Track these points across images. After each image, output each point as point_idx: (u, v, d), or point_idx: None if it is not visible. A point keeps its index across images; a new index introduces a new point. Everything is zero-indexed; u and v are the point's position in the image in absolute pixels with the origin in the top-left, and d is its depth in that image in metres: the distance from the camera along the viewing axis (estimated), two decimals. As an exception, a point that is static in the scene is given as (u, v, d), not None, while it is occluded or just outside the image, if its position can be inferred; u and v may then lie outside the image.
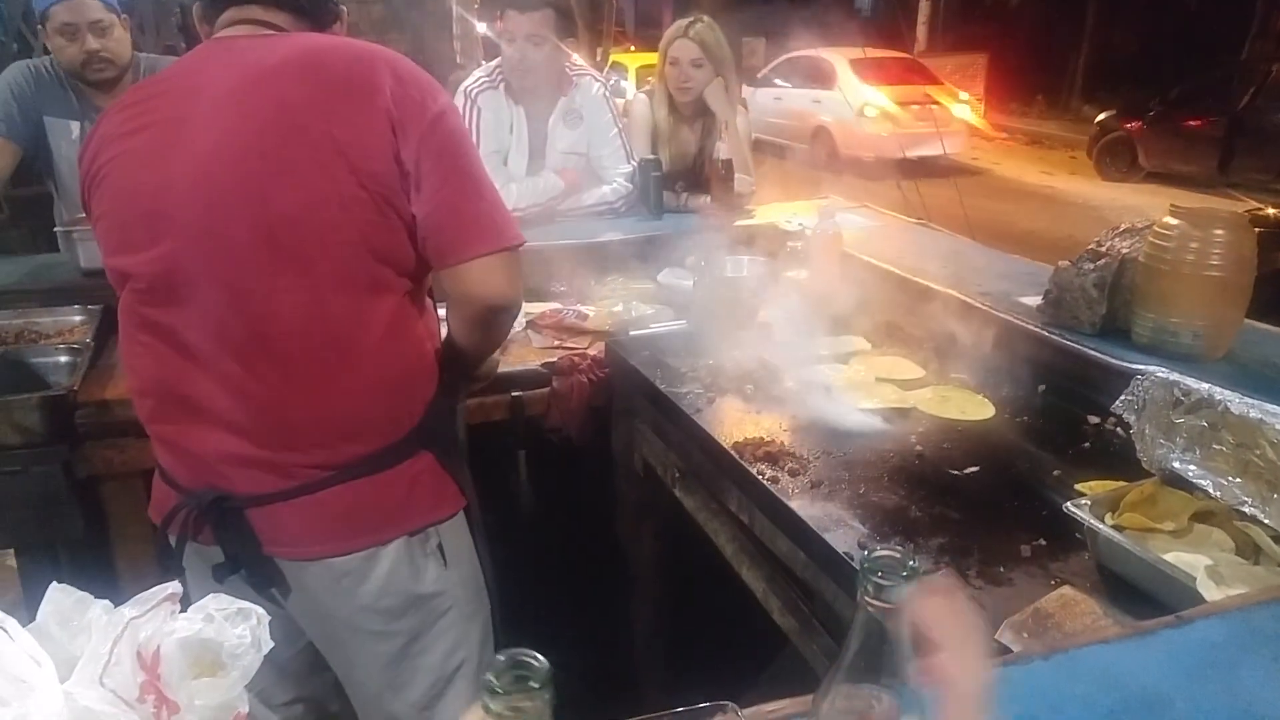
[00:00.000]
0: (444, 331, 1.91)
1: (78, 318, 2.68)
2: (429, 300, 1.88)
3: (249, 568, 1.77)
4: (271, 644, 0.96)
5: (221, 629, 0.91)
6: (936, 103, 13.88)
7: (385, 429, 1.76)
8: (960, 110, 14.41)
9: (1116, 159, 13.78)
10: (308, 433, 1.71)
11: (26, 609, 0.94)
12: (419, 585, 1.82)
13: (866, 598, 0.75)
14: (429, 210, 1.67)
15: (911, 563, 0.75)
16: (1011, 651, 1.29)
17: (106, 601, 0.91)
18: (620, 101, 4.03)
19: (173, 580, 2.42)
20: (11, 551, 2.55)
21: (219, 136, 1.62)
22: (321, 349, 1.68)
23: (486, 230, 1.72)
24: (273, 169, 1.61)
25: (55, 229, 2.90)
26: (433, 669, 1.89)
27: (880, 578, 0.74)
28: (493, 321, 1.86)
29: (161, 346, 1.71)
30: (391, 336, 1.74)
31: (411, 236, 1.70)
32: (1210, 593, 1.36)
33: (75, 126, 3.25)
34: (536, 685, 0.71)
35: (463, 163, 1.71)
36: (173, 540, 1.80)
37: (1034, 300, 2.43)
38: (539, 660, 0.72)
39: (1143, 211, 2.75)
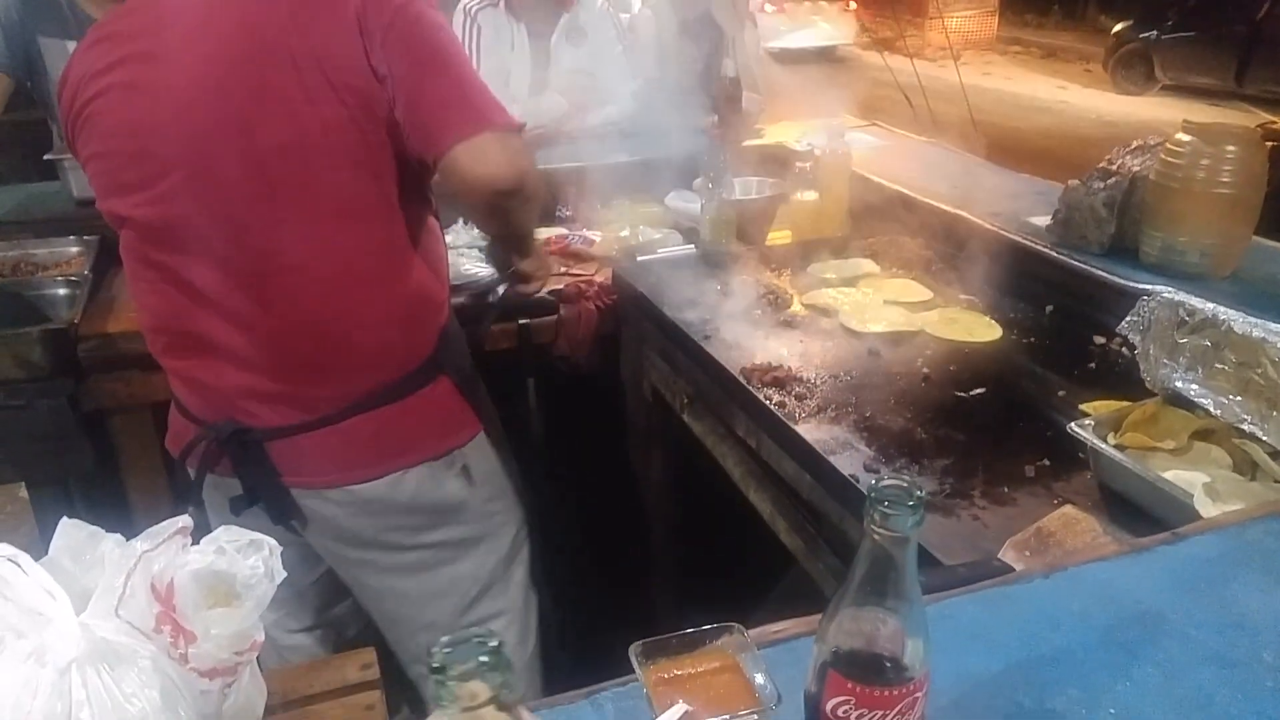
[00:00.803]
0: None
1: (74, 249, 2.66)
2: (434, 222, 1.85)
3: (267, 499, 1.80)
4: (284, 574, 0.98)
5: (234, 560, 0.93)
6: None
7: (402, 357, 1.77)
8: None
9: (1132, 71, 13.57)
10: (323, 365, 1.72)
11: (42, 542, 0.96)
12: (446, 503, 1.85)
13: (873, 526, 0.76)
14: (403, 106, 1.60)
15: (918, 492, 0.76)
16: (1012, 568, 1.31)
17: (118, 535, 0.93)
18: (625, 17, 3.96)
19: (185, 512, 2.47)
20: (23, 484, 2.57)
21: (195, 69, 1.58)
22: (330, 280, 1.67)
23: (466, 111, 1.62)
24: (254, 98, 1.57)
25: (46, 156, 2.85)
26: (464, 578, 1.93)
27: (887, 507, 0.75)
28: (502, 208, 1.74)
29: (167, 285, 1.70)
30: (400, 263, 1.73)
31: (402, 147, 1.65)
32: (1207, 509, 1.37)
33: (72, 46, 3.16)
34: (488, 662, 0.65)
35: (430, 48, 1.63)
36: (192, 473, 1.83)
37: (1043, 220, 2.41)
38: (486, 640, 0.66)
39: (1157, 125, 2.72)
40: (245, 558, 0.95)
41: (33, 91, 3.26)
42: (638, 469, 2.70)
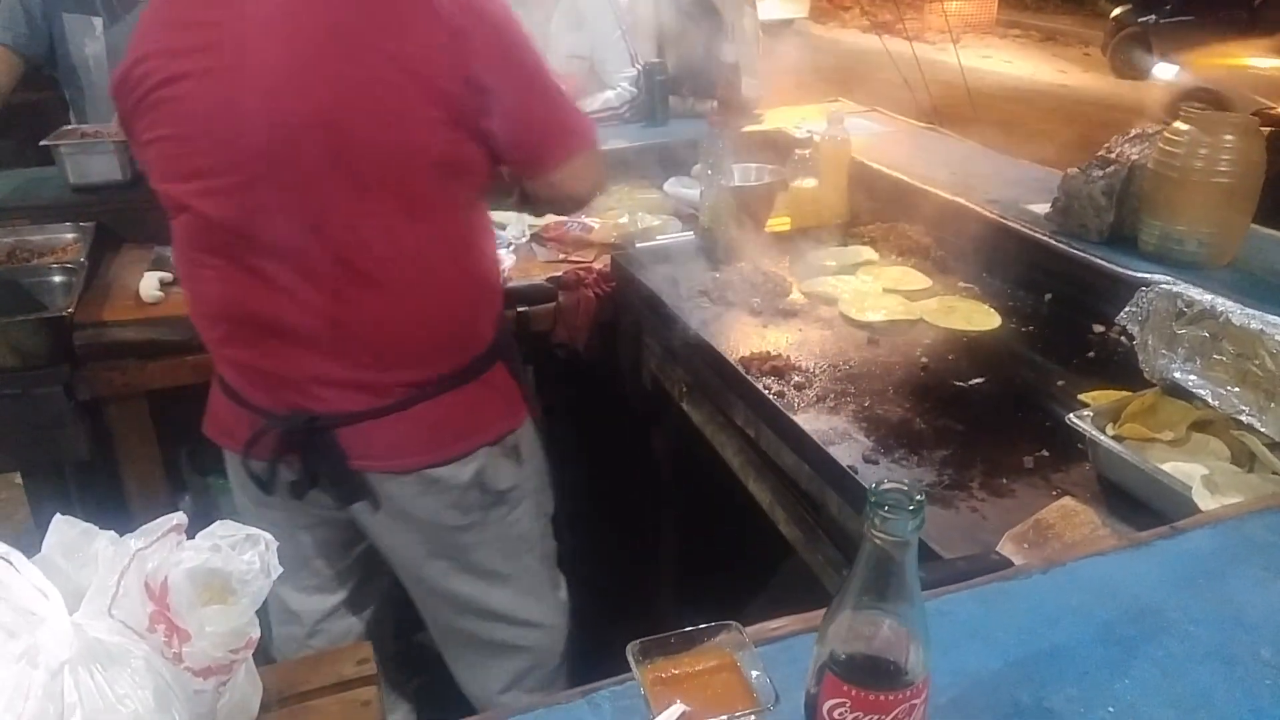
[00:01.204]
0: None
1: (70, 235, 2.63)
2: (486, 209, 1.90)
3: (334, 482, 1.82)
4: (280, 569, 0.98)
5: (229, 557, 0.92)
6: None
7: (468, 343, 1.82)
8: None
9: (1131, 55, 13.50)
10: (397, 353, 1.75)
11: (36, 530, 0.95)
12: (499, 482, 1.90)
13: (873, 530, 0.76)
14: (508, 125, 1.66)
15: (918, 497, 0.75)
16: (1010, 562, 1.31)
17: (112, 533, 0.92)
18: (623, 1, 3.93)
19: (183, 499, 2.46)
20: (18, 472, 2.56)
21: (281, 63, 1.58)
22: (408, 271, 1.70)
23: (565, 135, 1.76)
24: (342, 96, 1.59)
25: (42, 143, 2.83)
26: (506, 558, 1.97)
27: (886, 511, 0.75)
28: (583, 207, 2.06)
29: (234, 273, 1.70)
30: (470, 253, 1.79)
31: (485, 152, 1.69)
32: (1205, 502, 1.37)
33: (98, 22, 3.13)
34: None
35: (530, 67, 1.70)
36: (260, 465, 1.82)
37: (1042, 208, 2.40)
38: None
39: (1155, 111, 2.71)
40: (241, 553, 0.95)
41: (52, 70, 3.23)
42: (637, 458, 2.69)
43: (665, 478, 2.69)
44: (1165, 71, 9.81)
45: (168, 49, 1.63)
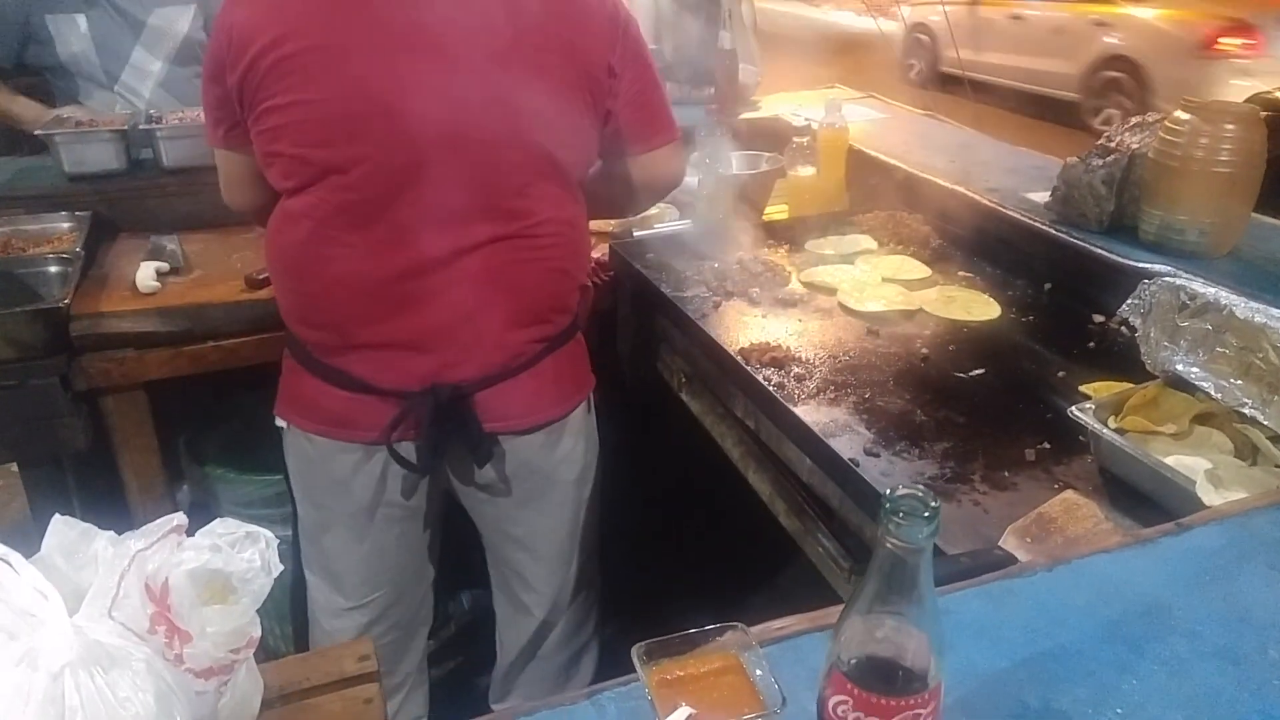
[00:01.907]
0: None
1: (66, 225, 2.60)
2: None
3: (469, 450, 1.87)
4: (280, 567, 0.97)
5: (229, 558, 0.91)
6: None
7: (576, 302, 1.97)
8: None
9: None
10: (541, 307, 1.85)
11: (34, 521, 0.94)
12: (587, 432, 2.05)
13: (887, 536, 0.75)
14: (624, 104, 1.83)
15: (933, 503, 0.75)
16: (1014, 558, 1.30)
17: (111, 533, 0.91)
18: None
19: (181, 489, 2.44)
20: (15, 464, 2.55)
21: (460, 41, 1.65)
22: (558, 229, 1.82)
23: (667, 120, 1.94)
24: (522, 76, 1.69)
25: (36, 132, 2.81)
26: (584, 500, 2.10)
27: (901, 519, 0.74)
28: (663, 196, 2.17)
29: (380, 242, 1.72)
30: (585, 216, 1.94)
31: (600, 131, 1.85)
32: (1209, 496, 1.36)
33: (82, 20, 3.13)
34: None
35: (647, 57, 1.88)
36: (409, 448, 1.84)
37: (1042, 196, 2.39)
38: None
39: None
40: (241, 552, 0.94)
41: (41, 58, 3.21)
42: (635, 449, 2.68)
43: (663, 468, 2.68)
44: (905, 11, 11.78)
45: (318, 14, 1.64)
